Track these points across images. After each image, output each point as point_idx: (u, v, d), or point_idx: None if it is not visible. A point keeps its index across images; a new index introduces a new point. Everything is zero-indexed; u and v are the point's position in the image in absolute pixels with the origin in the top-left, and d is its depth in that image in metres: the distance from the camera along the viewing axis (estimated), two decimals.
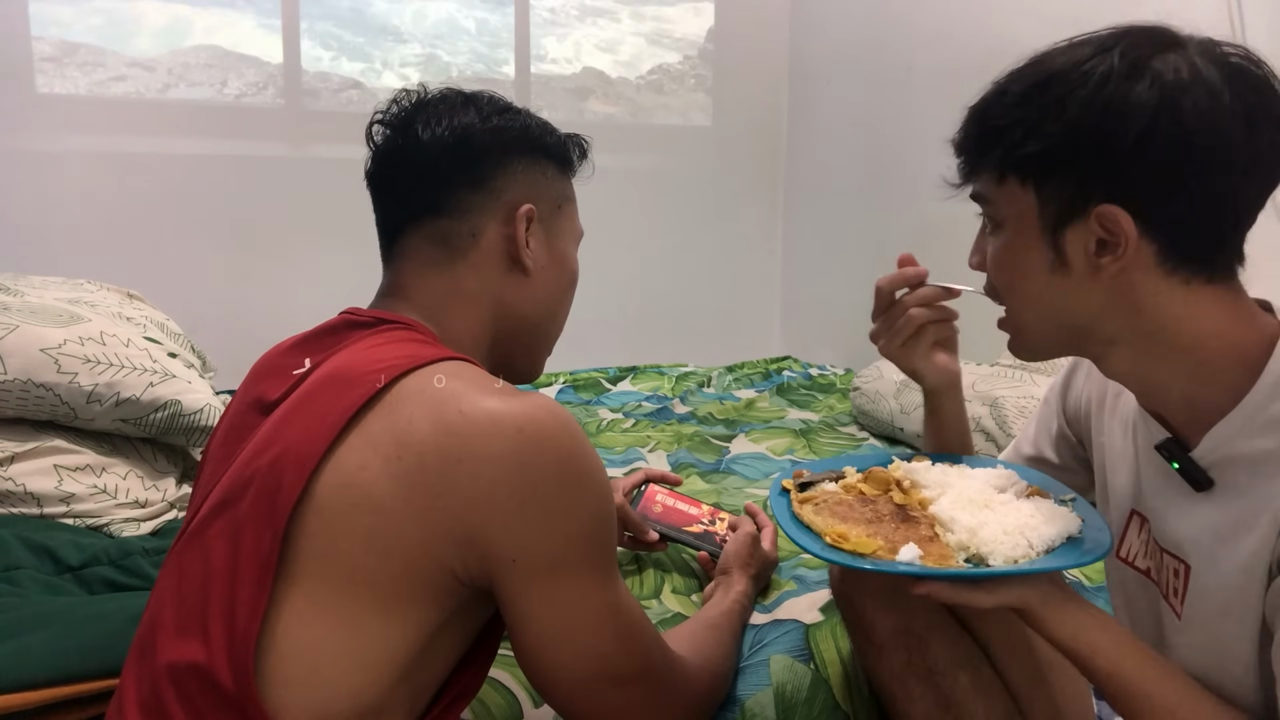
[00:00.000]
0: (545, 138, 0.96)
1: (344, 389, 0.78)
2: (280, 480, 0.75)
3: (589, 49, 3.25)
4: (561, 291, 0.98)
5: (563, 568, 0.77)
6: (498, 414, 0.75)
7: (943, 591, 0.78)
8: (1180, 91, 0.72)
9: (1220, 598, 0.78)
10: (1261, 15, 1.73)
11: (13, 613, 1.05)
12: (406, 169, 0.92)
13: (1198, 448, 0.80)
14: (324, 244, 2.74)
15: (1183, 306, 0.77)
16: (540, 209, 0.93)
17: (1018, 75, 0.79)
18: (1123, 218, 0.74)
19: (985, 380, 1.97)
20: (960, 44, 2.45)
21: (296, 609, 0.73)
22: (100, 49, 2.63)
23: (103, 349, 1.44)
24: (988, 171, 0.81)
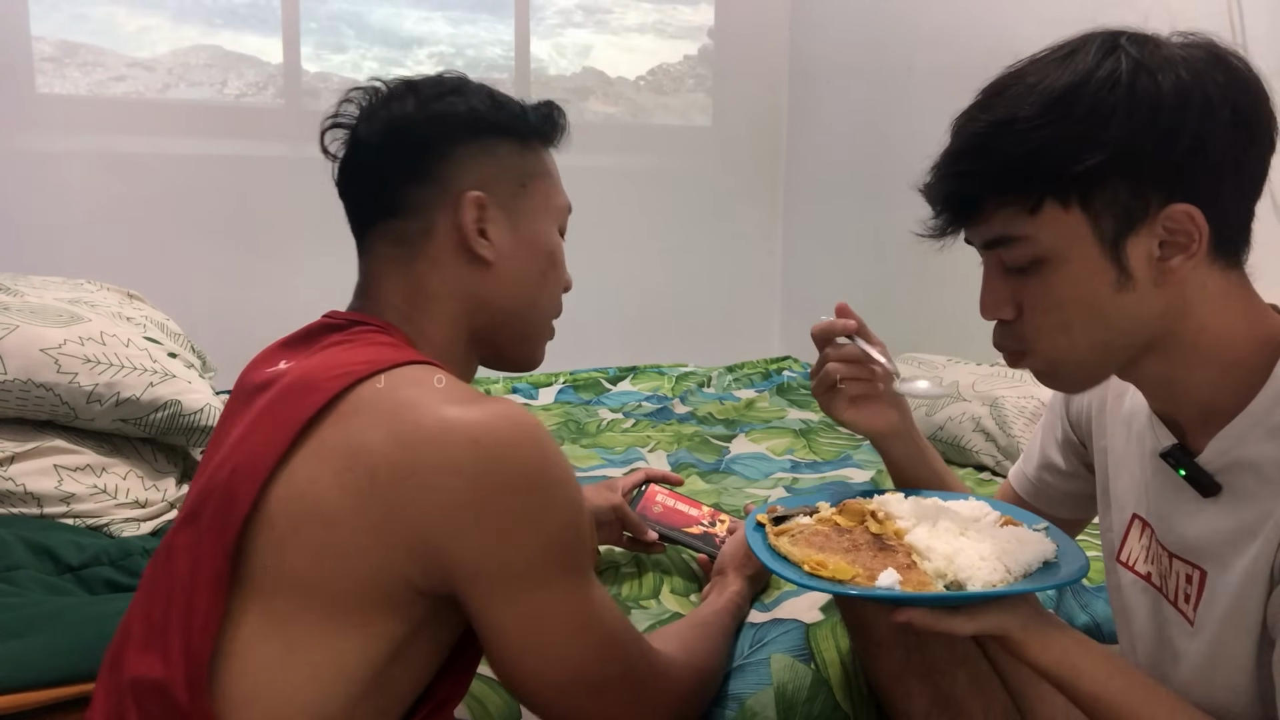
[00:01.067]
0: (496, 115, 0.89)
1: (300, 397, 0.76)
2: (235, 493, 0.74)
3: (589, 49, 3.25)
4: (538, 275, 0.91)
5: (528, 579, 0.74)
6: (451, 424, 0.72)
7: (923, 619, 0.76)
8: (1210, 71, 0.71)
9: (1226, 604, 0.78)
10: (1261, 15, 1.73)
11: (13, 613, 1.05)
12: (354, 171, 0.90)
13: (1204, 453, 0.78)
14: (324, 244, 2.73)
15: (1219, 300, 0.75)
16: (497, 192, 0.87)
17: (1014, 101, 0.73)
18: (1195, 214, 0.71)
19: (985, 380, 1.97)
20: (960, 44, 2.45)
21: (251, 624, 0.72)
22: (100, 49, 2.63)
23: (103, 349, 1.44)
24: (1011, 207, 0.74)
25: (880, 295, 2.83)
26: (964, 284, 0.94)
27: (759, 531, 0.90)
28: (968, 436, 1.90)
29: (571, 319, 1.00)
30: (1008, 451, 1.81)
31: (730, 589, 1.15)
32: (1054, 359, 0.79)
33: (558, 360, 1.07)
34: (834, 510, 0.93)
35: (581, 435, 2.11)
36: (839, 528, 0.89)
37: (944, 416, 1.96)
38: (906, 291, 2.66)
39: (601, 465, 1.88)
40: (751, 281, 3.38)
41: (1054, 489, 1.04)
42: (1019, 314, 0.79)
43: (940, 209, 0.79)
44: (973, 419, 1.90)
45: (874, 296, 2.96)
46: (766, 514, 0.93)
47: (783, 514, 0.93)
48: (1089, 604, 1.17)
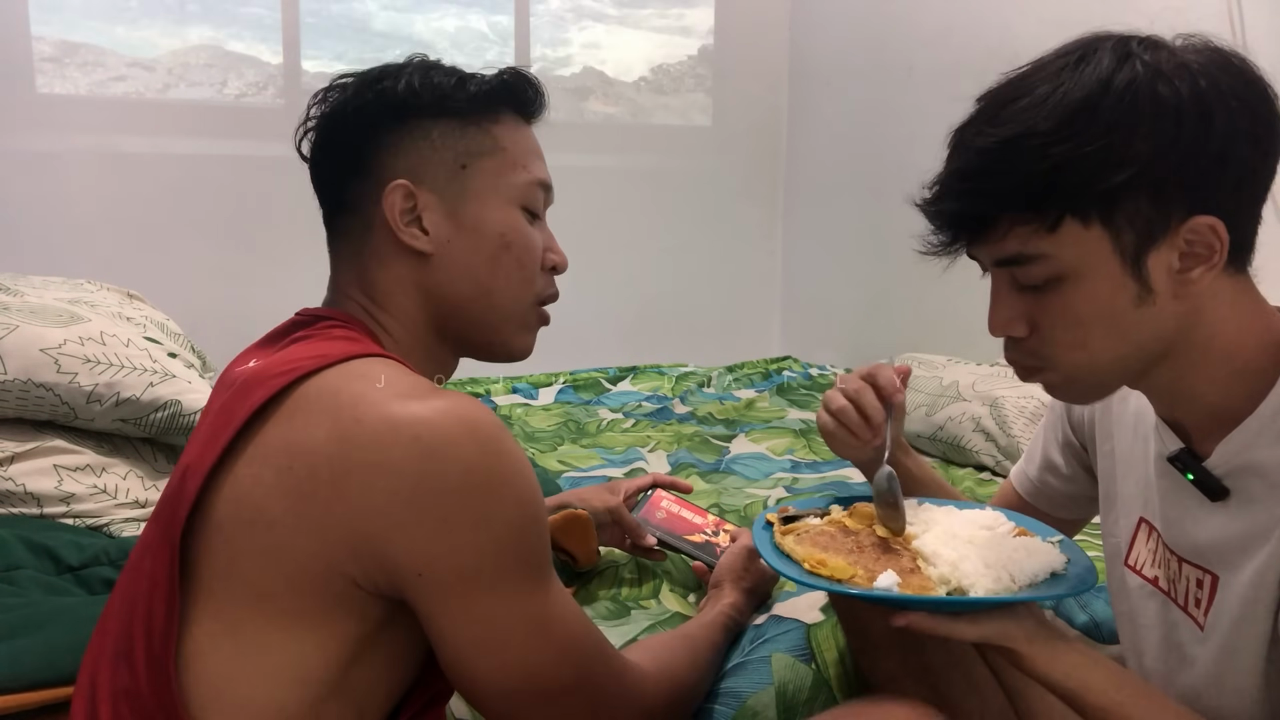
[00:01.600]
0: (422, 95, 0.84)
1: (246, 394, 0.74)
2: (181, 494, 0.73)
3: (589, 49, 3.25)
4: (488, 259, 0.85)
5: (476, 581, 0.72)
6: (395, 420, 0.70)
7: (924, 623, 0.75)
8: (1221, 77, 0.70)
9: (1237, 609, 0.77)
10: (1261, 15, 1.73)
11: (12, 613, 1.05)
12: (311, 170, 0.89)
13: (1211, 457, 0.78)
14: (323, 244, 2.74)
15: (1230, 307, 0.74)
16: (432, 178, 0.83)
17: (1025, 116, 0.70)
18: (1217, 226, 0.70)
19: (985, 380, 1.97)
20: (960, 44, 2.45)
21: (206, 629, 0.71)
22: (100, 49, 2.63)
23: (103, 349, 1.44)
24: (1027, 225, 0.71)
25: (880, 295, 2.83)
26: (964, 284, 0.94)
27: (767, 530, 0.90)
28: (968, 436, 1.90)
29: (572, 319, 1.00)
30: (1008, 451, 1.81)
31: (724, 601, 1.13)
32: (1072, 375, 0.77)
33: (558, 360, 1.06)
34: (845, 513, 0.92)
35: (581, 435, 2.11)
36: (846, 529, 0.88)
37: (944, 416, 1.96)
38: (906, 291, 2.66)
39: (601, 465, 1.88)
40: (751, 281, 3.38)
41: (1055, 490, 1.04)
42: (1032, 331, 0.76)
43: (946, 228, 0.76)
44: (973, 419, 1.90)
45: (874, 296, 2.96)
46: (778, 513, 0.93)
47: (794, 514, 0.93)
48: (1088, 604, 1.18)
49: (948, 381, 2.03)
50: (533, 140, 0.91)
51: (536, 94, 0.90)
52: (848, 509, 0.93)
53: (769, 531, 0.90)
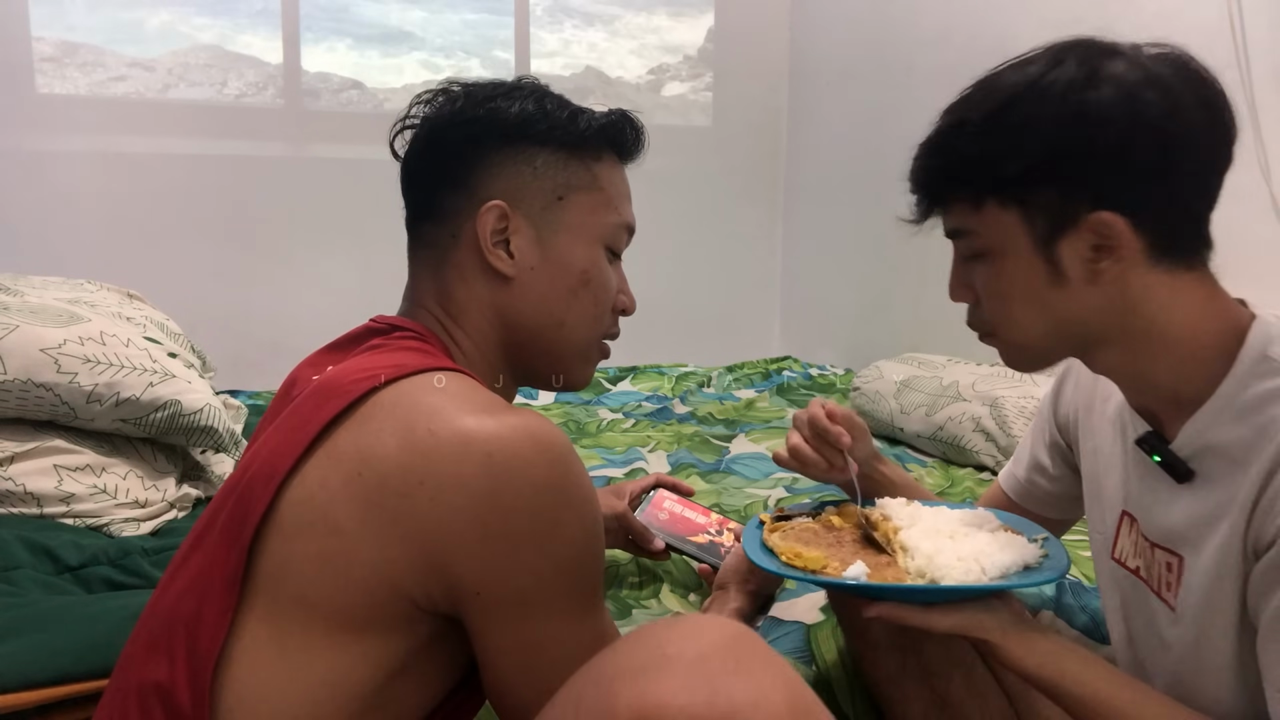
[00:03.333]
0: (534, 122, 0.85)
1: (323, 401, 0.74)
2: (251, 495, 0.72)
3: (589, 49, 3.26)
4: (566, 293, 0.86)
5: (534, 604, 0.71)
6: (468, 435, 0.69)
7: (896, 613, 0.78)
8: (1141, 90, 0.74)
9: (1203, 588, 0.79)
10: (1261, 15, 1.73)
11: (11, 613, 1.05)
12: (404, 172, 0.89)
13: (1176, 439, 0.81)
14: (324, 244, 2.74)
15: (1169, 297, 0.78)
16: (528, 204, 0.85)
17: (971, 103, 0.79)
18: (1116, 221, 0.75)
19: (985, 380, 1.97)
20: (960, 44, 2.45)
21: (253, 632, 0.70)
22: (100, 49, 2.63)
23: (103, 349, 1.44)
24: (961, 202, 0.80)
25: (880, 295, 2.83)
26: None
27: (759, 528, 0.93)
28: (968, 436, 1.90)
29: None
30: (1007, 451, 1.81)
31: (730, 606, 1.13)
32: (1011, 343, 0.84)
33: None
34: (834, 511, 0.96)
35: (582, 435, 2.12)
36: (831, 526, 0.92)
37: (944, 416, 1.96)
38: (906, 291, 2.66)
39: (602, 465, 1.88)
40: (751, 281, 3.38)
41: (1043, 490, 1.06)
42: (977, 300, 0.84)
43: (915, 197, 0.85)
44: (973, 419, 1.90)
45: (874, 296, 2.96)
46: (773, 513, 0.96)
47: (787, 514, 0.95)
48: (1088, 604, 1.18)
49: (948, 381, 2.03)
50: (627, 183, 0.93)
51: (638, 139, 0.92)
52: (838, 508, 0.97)
53: (760, 530, 0.93)
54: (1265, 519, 0.73)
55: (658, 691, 0.55)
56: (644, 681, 0.56)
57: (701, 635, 0.60)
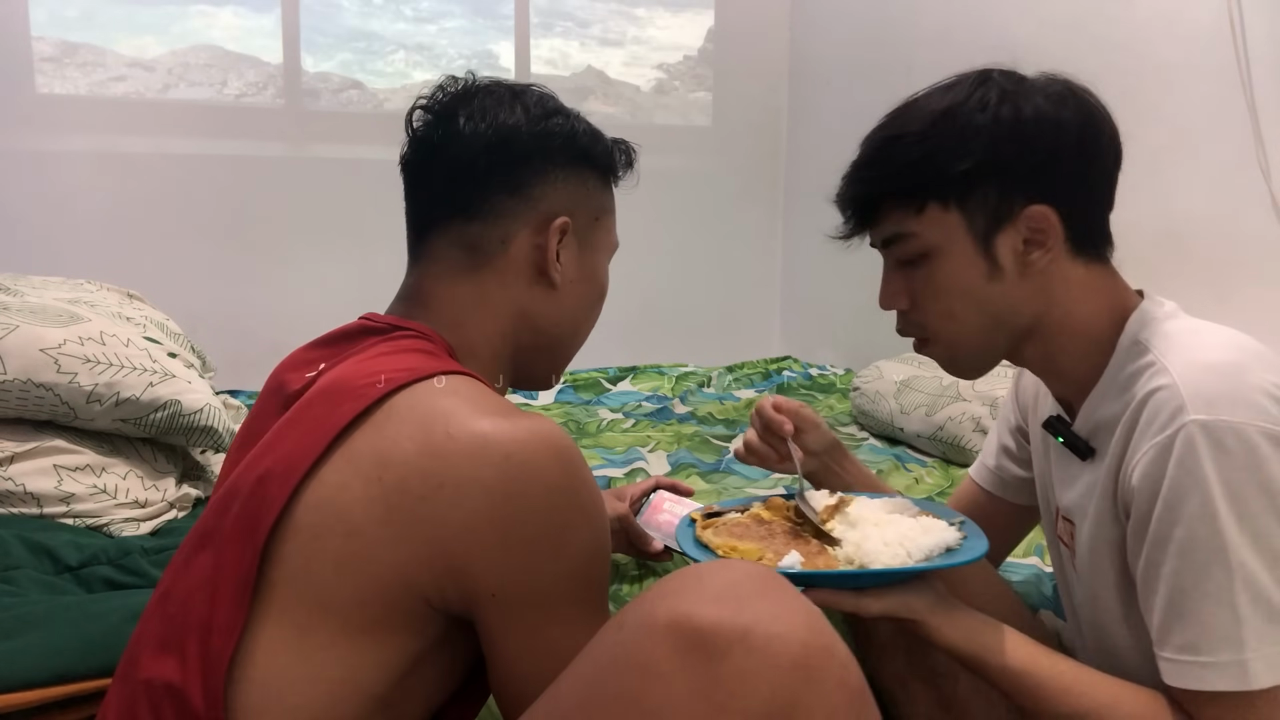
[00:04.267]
0: (593, 146, 0.91)
1: (336, 403, 0.75)
2: (264, 497, 0.73)
3: (589, 49, 3.26)
4: (589, 306, 0.94)
5: (548, 606, 0.73)
6: (487, 438, 0.71)
7: (831, 599, 0.81)
8: (1062, 102, 0.85)
9: (1088, 550, 0.87)
10: (1261, 15, 1.73)
11: (11, 612, 1.05)
12: (444, 163, 0.87)
13: (1076, 420, 0.89)
14: (324, 244, 2.74)
15: (1080, 289, 0.87)
16: (577, 221, 0.89)
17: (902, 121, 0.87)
18: (1049, 214, 0.84)
19: (985, 380, 1.96)
20: (960, 44, 2.45)
21: (269, 633, 0.71)
22: (100, 49, 2.63)
23: (103, 349, 1.44)
24: (901, 208, 0.87)
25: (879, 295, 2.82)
26: None
27: (690, 526, 0.96)
28: (968, 436, 1.90)
29: None
30: None
31: None
32: (949, 343, 0.90)
33: None
34: (761, 505, 0.99)
35: (582, 435, 2.11)
36: (761, 520, 0.95)
37: (944, 416, 1.96)
38: None
39: (602, 465, 1.88)
40: (751, 281, 3.38)
41: (1012, 475, 1.10)
42: (913, 304, 0.90)
43: (847, 213, 0.93)
44: (973, 419, 1.90)
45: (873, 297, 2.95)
46: (702, 511, 0.99)
47: (717, 510, 0.99)
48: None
49: (948, 381, 2.03)
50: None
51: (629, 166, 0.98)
52: (764, 503, 1.00)
53: (692, 528, 0.96)
54: (1125, 481, 0.79)
55: (692, 604, 0.61)
56: (679, 598, 0.62)
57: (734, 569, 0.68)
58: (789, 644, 0.60)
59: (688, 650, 0.60)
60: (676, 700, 0.59)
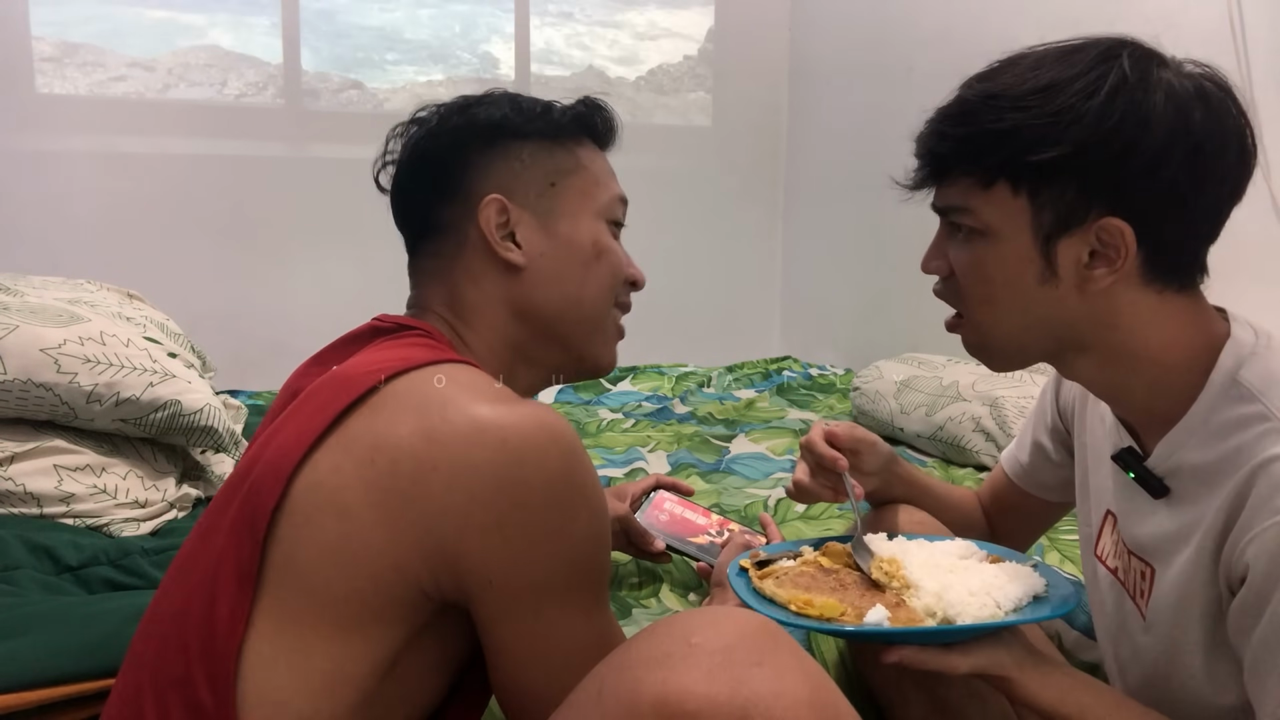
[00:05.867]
0: (510, 119, 0.88)
1: (335, 392, 0.75)
2: (262, 486, 0.72)
3: (589, 49, 3.25)
4: (580, 268, 0.88)
5: (546, 594, 0.71)
6: (483, 422, 0.70)
7: (916, 657, 0.76)
8: (1191, 104, 0.73)
9: (1171, 602, 0.80)
10: (1261, 15, 1.73)
11: (11, 612, 1.05)
12: (394, 203, 0.91)
13: (1151, 456, 0.80)
14: (324, 244, 2.74)
15: (1152, 316, 0.77)
16: (523, 194, 0.87)
17: (1005, 79, 0.76)
18: (1127, 231, 0.73)
19: (985, 380, 1.96)
20: (960, 44, 2.44)
21: (259, 624, 0.70)
22: (100, 49, 2.63)
23: (103, 349, 1.44)
24: (969, 177, 0.78)
25: (880, 295, 2.83)
26: None
27: (742, 576, 0.89)
28: (968, 436, 1.90)
29: None
30: None
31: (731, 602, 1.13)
32: (981, 330, 0.83)
33: None
34: (818, 553, 0.92)
35: (582, 435, 2.11)
36: (824, 568, 0.88)
37: (944, 416, 1.96)
38: (906, 291, 2.66)
39: (602, 465, 1.88)
40: (751, 281, 3.38)
41: (1044, 474, 1.06)
42: (951, 274, 0.83)
43: (920, 164, 0.82)
44: (973, 419, 1.90)
45: (874, 296, 2.96)
46: (750, 559, 0.92)
47: (765, 558, 0.92)
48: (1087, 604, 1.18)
49: (948, 381, 2.03)
50: (608, 161, 0.96)
51: (608, 123, 0.95)
52: (820, 549, 0.93)
53: (745, 577, 0.89)
54: (1234, 553, 0.72)
55: (681, 680, 0.55)
56: (667, 670, 0.56)
57: (725, 626, 0.61)
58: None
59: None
60: None
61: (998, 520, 1.13)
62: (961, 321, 0.85)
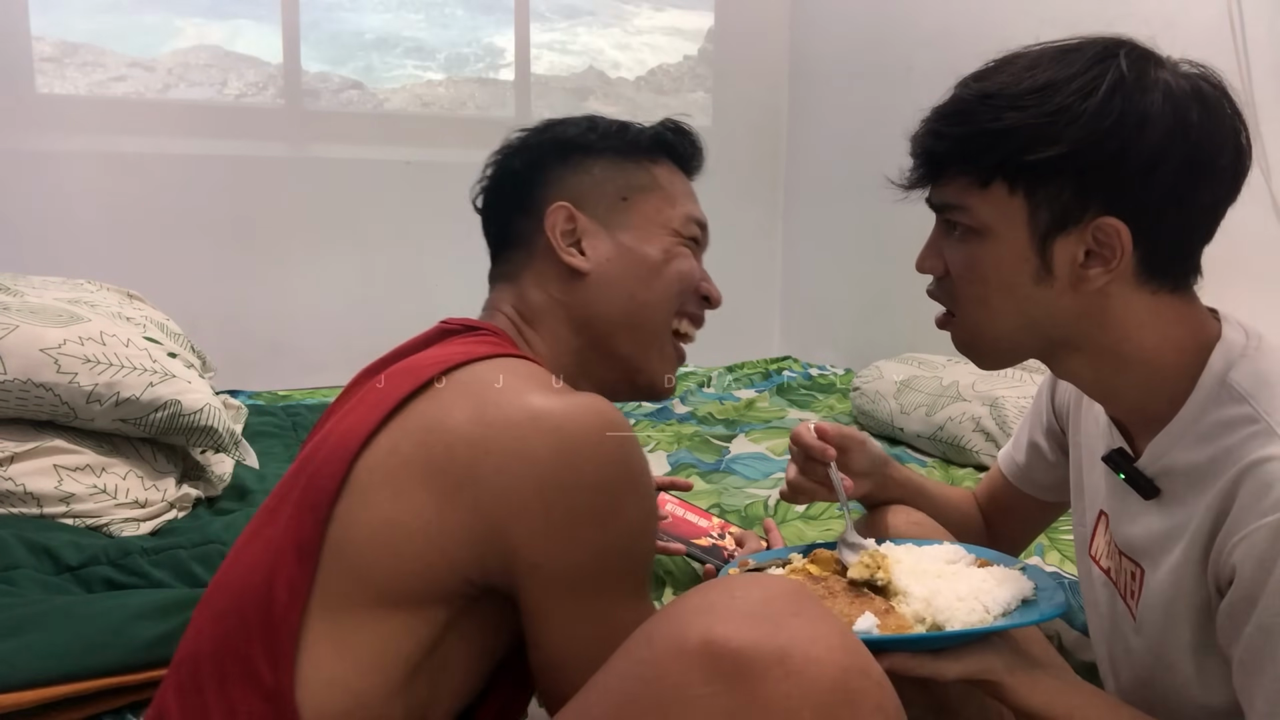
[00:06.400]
0: (583, 136, 0.93)
1: (400, 381, 0.78)
2: (327, 466, 0.74)
3: (589, 49, 3.25)
4: (642, 278, 0.90)
5: (590, 581, 0.72)
6: (537, 410, 0.72)
7: (906, 664, 0.75)
8: (1188, 104, 0.73)
9: (1160, 603, 0.80)
10: (1261, 15, 1.73)
11: (11, 612, 1.05)
12: (482, 214, 0.97)
13: (1142, 457, 0.81)
14: (324, 244, 2.74)
15: (1146, 316, 0.77)
16: (593, 206, 0.90)
17: (1000, 78, 0.76)
18: (1123, 231, 0.73)
19: (985, 380, 1.97)
20: (960, 44, 2.45)
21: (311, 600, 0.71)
22: (100, 49, 2.63)
23: (103, 349, 1.44)
24: (966, 176, 0.78)
25: (880, 295, 2.83)
26: None
27: None
28: (968, 436, 1.90)
29: None
30: None
31: None
32: (973, 329, 0.83)
33: None
34: (806, 560, 0.92)
35: None
36: (812, 576, 0.88)
37: (944, 416, 1.96)
38: (906, 291, 2.65)
39: None
40: (751, 281, 3.38)
41: (1040, 474, 1.06)
42: (947, 273, 0.83)
43: (915, 162, 0.82)
44: (973, 419, 1.90)
45: (874, 296, 2.96)
46: (739, 567, 0.93)
47: (755, 566, 0.93)
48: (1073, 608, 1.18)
49: (948, 381, 2.03)
50: (690, 184, 0.99)
51: (690, 146, 0.98)
52: (808, 556, 0.93)
53: None
54: (1222, 554, 0.72)
55: (725, 625, 0.60)
56: (713, 617, 0.61)
57: (765, 583, 0.67)
58: (827, 667, 0.59)
59: (723, 674, 0.58)
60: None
61: (994, 520, 1.13)
62: (953, 319, 0.85)
